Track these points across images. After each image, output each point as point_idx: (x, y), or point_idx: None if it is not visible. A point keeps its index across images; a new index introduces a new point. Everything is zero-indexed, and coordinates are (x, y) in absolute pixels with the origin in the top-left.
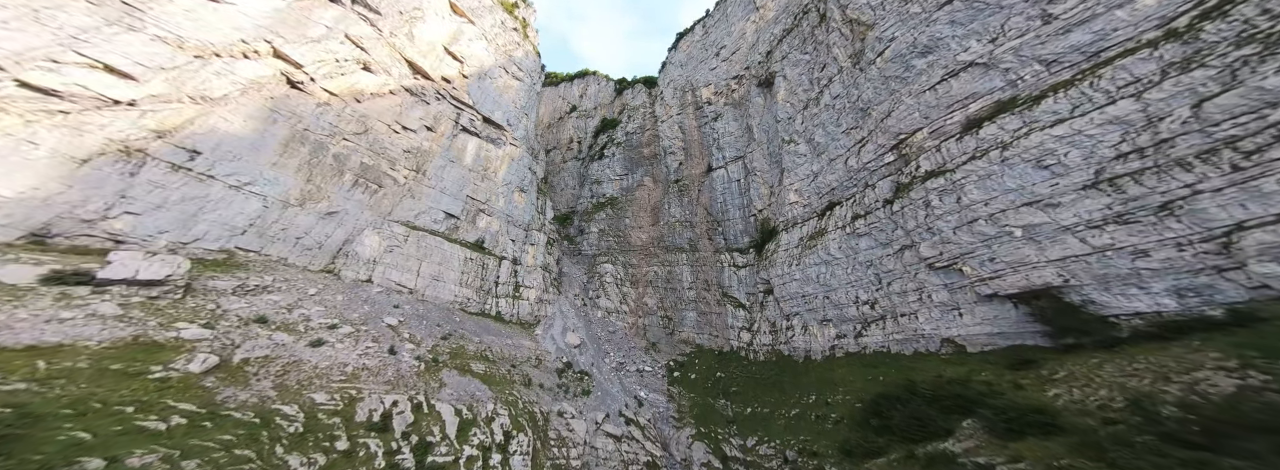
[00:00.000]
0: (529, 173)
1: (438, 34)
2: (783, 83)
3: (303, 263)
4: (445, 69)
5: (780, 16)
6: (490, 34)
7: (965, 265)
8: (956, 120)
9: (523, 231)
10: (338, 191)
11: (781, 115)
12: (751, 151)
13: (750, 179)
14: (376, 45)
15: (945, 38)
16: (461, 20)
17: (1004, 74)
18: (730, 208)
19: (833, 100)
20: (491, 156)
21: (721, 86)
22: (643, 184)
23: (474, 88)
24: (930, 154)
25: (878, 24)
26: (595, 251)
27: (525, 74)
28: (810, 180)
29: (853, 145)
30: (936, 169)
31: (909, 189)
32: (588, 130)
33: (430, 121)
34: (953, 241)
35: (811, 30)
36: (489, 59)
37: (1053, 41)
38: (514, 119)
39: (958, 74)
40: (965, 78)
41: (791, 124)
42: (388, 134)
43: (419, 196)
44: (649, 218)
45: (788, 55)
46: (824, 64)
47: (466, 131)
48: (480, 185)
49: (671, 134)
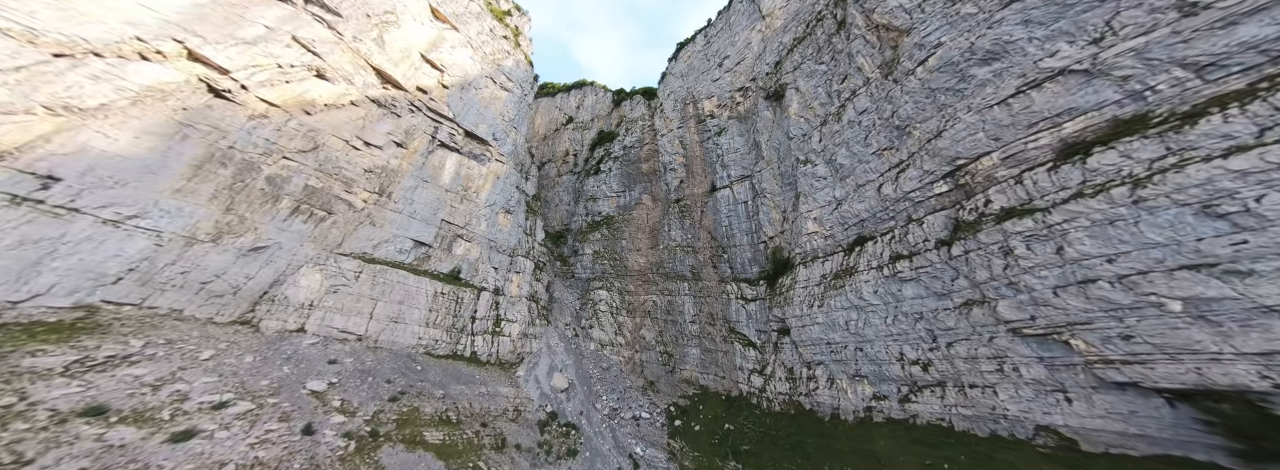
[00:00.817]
0: (516, 192)
1: (414, 40)
2: (795, 96)
3: (206, 314)
4: (422, 78)
5: (789, 25)
6: (476, 41)
7: (1077, 338)
8: (1045, 144)
9: (507, 258)
10: (268, 222)
11: (794, 132)
12: (760, 171)
13: (759, 201)
14: (335, 50)
15: (1018, 41)
16: (443, 26)
17: (1120, 84)
18: (737, 233)
19: (858, 116)
20: (473, 174)
21: (725, 99)
22: (641, 202)
23: (455, 99)
24: (1006, 187)
25: (916, 29)
26: (589, 275)
27: (515, 84)
28: (832, 208)
29: (888, 170)
30: (1019, 206)
31: (976, 229)
32: (584, 143)
33: (401, 136)
34: (1051, 305)
35: (827, 38)
36: (474, 68)
37: (1205, 39)
38: (501, 133)
39: (1041, 85)
40: (1054, 90)
41: (807, 142)
42: (345, 151)
43: (381, 223)
44: (647, 240)
45: (800, 66)
46: (844, 75)
47: (445, 147)
48: (458, 208)
49: (671, 149)
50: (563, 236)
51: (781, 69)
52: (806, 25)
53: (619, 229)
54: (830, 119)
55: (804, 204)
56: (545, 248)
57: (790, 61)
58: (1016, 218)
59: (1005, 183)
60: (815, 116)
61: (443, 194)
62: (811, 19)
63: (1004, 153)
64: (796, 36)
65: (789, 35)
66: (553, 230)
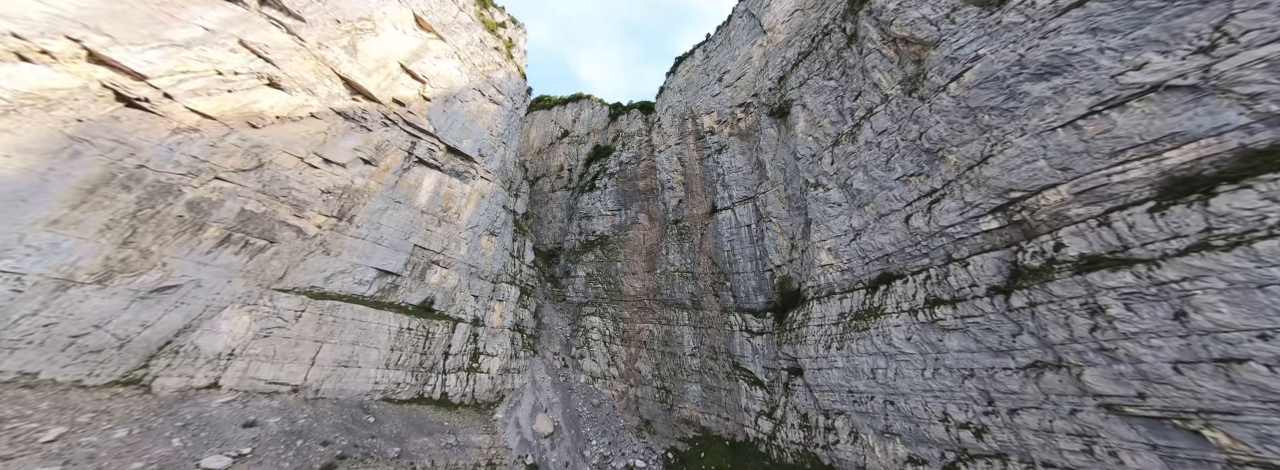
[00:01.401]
0: (503, 211)
1: (393, 49)
2: (801, 113)
3: (71, 376)
4: (399, 90)
5: (793, 39)
6: (465, 52)
7: (1215, 431)
8: (1138, 177)
9: (490, 284)
10: (185, 256)
11: (802, 151)
12: (764, 193)
13: (764, 226)
14: (294, 57)
15: (1083, 51)
16: (428, 36)
17: (1247, 104)
18: (739, 258)
19: (877, 137)
20: (455, 194)
21: (725, 115)
22: (637, 222)
23: (437, 112)
24: (1085, 229)
25: (945, 41)
26: (582, 299)
27: (506, 97)
28: (850, 238)
29: (917, 199)
30: (1108, 254)
31: (1044, 278)
32: (579, 157)
33: (370, 152)
34: (1170, 383)
35: (837, 53)
36: (461, 80)
37: None
38: (488, 149)
39: (1124, 104)
40: (1145, 110)
41: (817, 163)
42: (298, 170)
43: (338, 251)
44: (644, 263)
45: (806, 81)
46: (858, 91)
47: (423, 164)
48: (435, 231)
49: (670, 166)
50: (555, 256)
51: (786, 84)
52: (812, 40)
53: (614, 250)
54: (843, 139)
55: (816, 232)
56: (535, 269)
57: (795, 77)
58: (1107, 269)
59: (1083, 223)
60: (825, 136)
61: (417, 216)
62: (817, 33)
63: (1077, 186)
64: (801, 51)
65: (793, 50)
66: (545, 248)
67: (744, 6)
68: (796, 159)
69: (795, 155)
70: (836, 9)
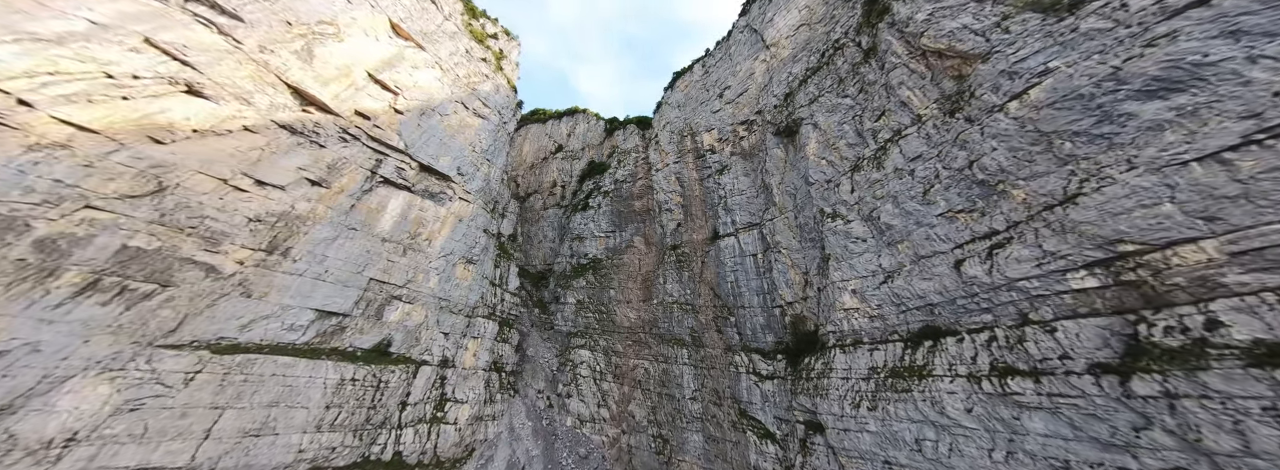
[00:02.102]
0: (483, 236)
1: (362, 57)
2: (812, 133)
3: None
4: (365, 101)
5: (799, 54)
6: (448, 63)
7: None
8: None
9: (464, 319)
10: (18, 311)
11: (815, 176)
12: (772, 220)
13: (772, 257)
14: (224, 61)
15: (1222, 61)
16: (406, 44)
17: None
18: (745, 291)
19: (909, 163)
20: (427, 217)
21: (726, 132)
22: (633, 245)
23: (410, 126)
24: (1254, 306)
25: (999, 53)
26: (571, 329)
27: (492, 111)
28: (879, 280)
29: (971, 241)
30: None
31: (1189, 365)
32: (573, 173)
33: (320, 172)
34: None
35: (852, 68)
36: (441, 91)
37: None
38: (469, 167)
39: None
40: None
41: (833, 191)
42: (219, 194)
43: (264, 292)
44: (639, 291)
45: (817, 99)
46: (881, 111)
47: (390, 185)
48: (398, 262)
49: (668, 186)
50: (544, 279)
51: (793, 102)
52: (821, 54)
53: (607, 276)
54: (865, 164)
55: (836, 270)
56: (521, 295)
57: (804, 94)
58: None
59: (1245, 297)
60: (842, 159)
61: (377, 245)
62: (827, 48)
63: (1233, 244)
64: (809, 67)
65: (799, 65)
66: (534, 269)
67: (745, 21)
68: (808, 184)
69: (807, 180)
70: (849, 22)
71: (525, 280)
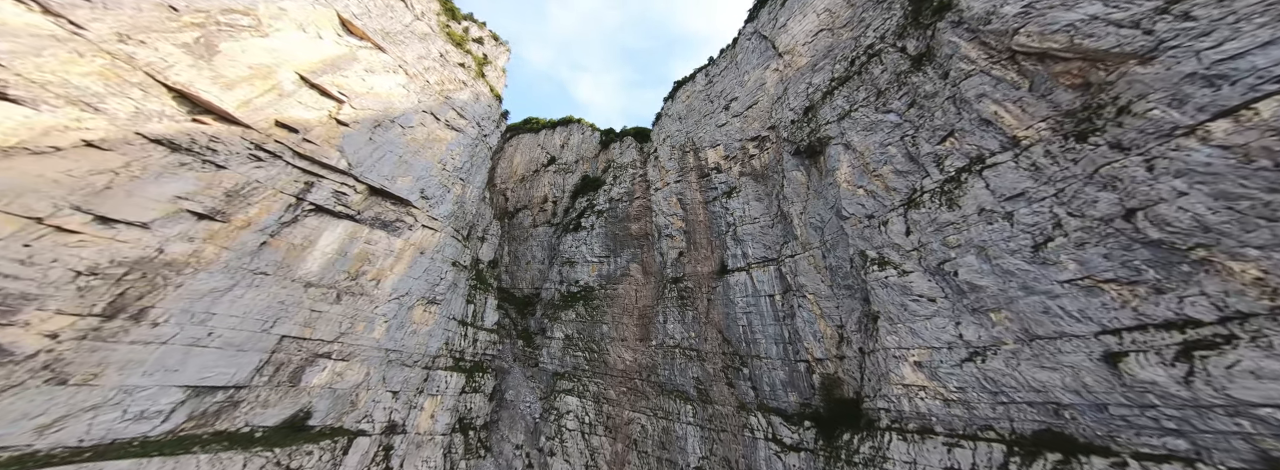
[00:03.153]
0: (450, 270)
1: (289, 56)
2: (844, 155)
3: None
4: (292, 109)
5: (821, 62)
6: (416, 67)
7: None
8: None
9: (420, 373)
10: None
11: (851, 209)
12: (793, 256)
13: (795, 300)
14: (50, 52)
15: None
16: (360, 44)
17: None
18: (761, 338)
19: (1004, 203)
20: (376, 252)
21: (734, 149)
22: (628, 274)
23: (358, 140)
24: None
25: (1173, 51)
26: (558, 368)
27: (470, 122)
28: (961, 357)
29: (1139, 327)
30: None
31: None
32: (566, 188)
33: (214, 201)
34: None
35: (897, 77)
36: (405, 100)
37: None
38: (436, 188)
39: None
40: None
41: (878, 230)
42: (24, 238)
43: (91, 375)
44: (636, 328)
45: (850, 114)
46: (946, 130)
47: (324, 213)
48: (328, 311)
49: (668, 207)
50: (530, 305)
51: (816, 117)
52: (850, 63)
53: (599, 308)
54: (925, 199)
55: (890, 333)
56: (497, 332)
57: (830, 108)
58: None
59: None
60: (887, 190)
61: (297, 292)
62: (857, 54)
63: None
64: (836, 77)
65: (821, 75)
66: (520, 293)
67: (753, 27)
68: (841, 218)
69: (839, 213)
70: (885, 25)
71: (509, 307)
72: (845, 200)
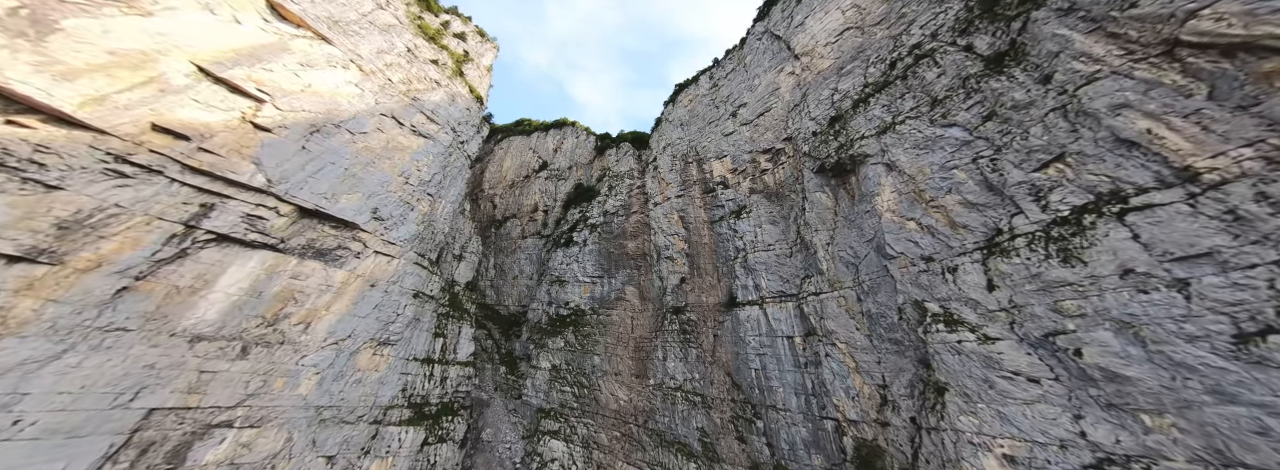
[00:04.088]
0: (410, 303)
1: (183, 41)
2: (887, 178)
3: None
4: (182, 110)
5: (849, 65)
6: (374, 63)
7: None
8: None
9: (366, 429)
10: None
11: (898, 246)
12: (818, 294)
13: (819, 346)
14: None
15: None
16: (296, 32)
17: None
18: (777, 385)
19: (1167, 266)
20: (306, 288)
21: (743, 162)
22: (624, 298)
23: (284, 150)
24: None
25: None
26: (543, 403)
27: (442, 128)
28: (1082, 463)
29: None
30: None
31: None
32: (558, 197)
33: (43, 236)
34: None
35: (961, 83)
36: (357, 100)
37: None
38: (396, 206)
39: None
40: None
41: (942, 278)
42: None
43: None
44: (631, 361)
45: (893, 127)
46: (1052, 153)
47: (229, 243)
48: (227, 370)
49: (668, 226)
50: (516, 325)
51: (847, 129)
52: (889, 65)
53: (591, 336)
54: (1019, 246)
55: (965, 412)
56: (473, 365)
57: (866, 119)
58: None
59: None
60: (954, 227)
61: (178, 351)
62: (899, 55)
63: None
64: (869, 82)
65: (851, 80)
66: (506, 311)
67: (764, 26)
68: (885, 257)
69: (882, 249)
70: (937, 19)
71: (492, 326)
72: (890, 235)
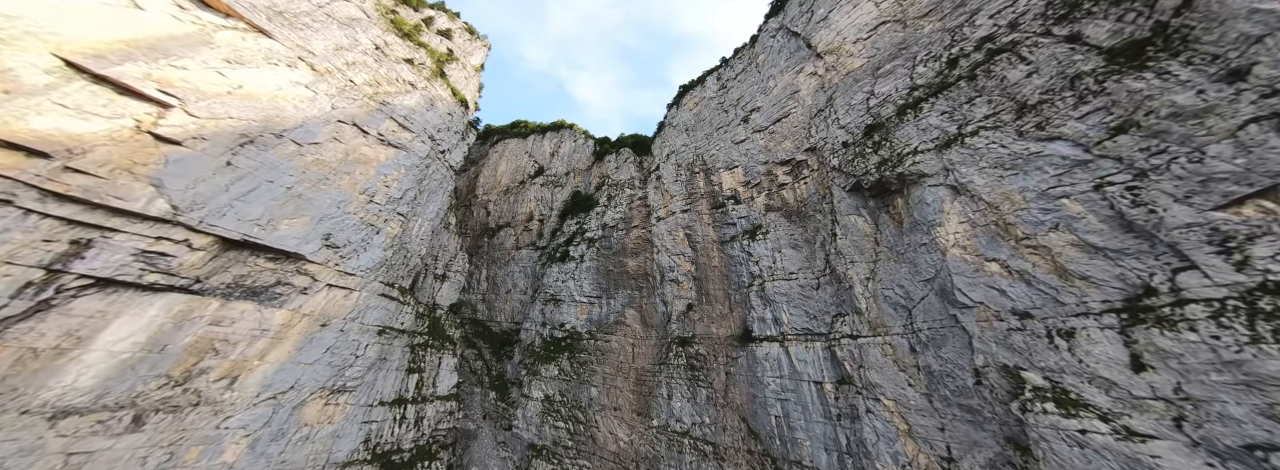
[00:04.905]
0: (374, 341)
1: (44, 26)
2: (952, 204)
3: None
4: (37, 118)
5: (890, 64)
6: (330, 62)
7: None
8: None
9: None
10: None
11: (973, 293)
12: (857, 339)
13: (855, 398)
14: None
15: None
16: (224, 23)
17: None
18: (803, 438)
19: None
20: (234, 335)
21: (757, 174)
22: (623, 322)
23: (199, 166)
24: None
25: None
26: (535, 438)
27: (418, 135)
28: None
29: None
30: None
31: None
32: (554, 205)
33: None
34: None
35: (1068, 84)
36: (305, 106)
37: None
38: (354, 230)
39: None
40: None
41: (1051, 343)
42: None
43: None
44: (632, 395)
45: (961, 140)
46: (1256, 189)
47: (115, 288)
48: (108, 449)
49: (673, 243)
50: (508, 344)
51: (890, 141)
52: (947, 63)
53: (588, 365)
54: (1199, 317)
55: None
56: (456, 399)
57: (918, 129)
58: None
59: None
60: (1066, 279)
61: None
62: (963, 51)
63: None
64: (921, 84)
65: (892, 82)
66: (498, 328)
67: (778, 22)
68: (954, 305)
69: (949, 296)
70: (1014, 8)
71: (482, 345)
72: (962, 278)
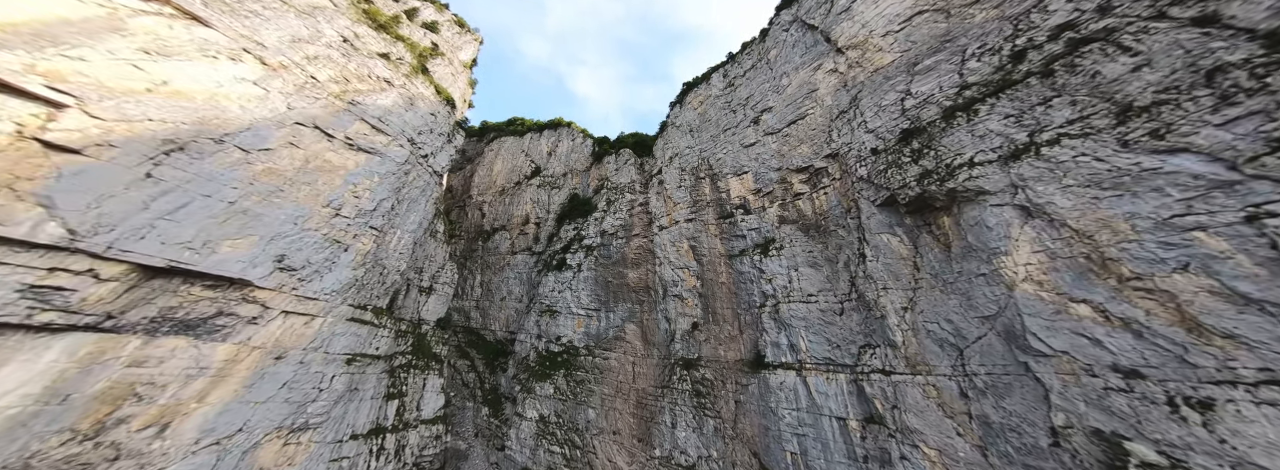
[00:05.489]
0: (342, 371)
1: None
2: (1023, 229)
3: None
4: None
5: (931, 59)
6: (285, 55)
7: None
8: None
9: None
10: None
11: (1053, 341)
12: (891, 376)
13: (894, 444)
14: None
15: None
16: (145, 7)
17: None
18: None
19: None
20: (162, 376)
21: (769, 181)
22: (623, 338)
23: (107, 180)
24: None
25: None
26: (529, 462)
27: (396, 139)
28: None
29: None
30: None
31: None
32: (551, 208)
33: None
34: None
35: (1205, 77)
36: (255, 106)
37: None
38: (315, 248)
39: None
40: None
41: (1170, 415)
42: None
43: None
44: (633, 419)
45: (1035, 150)
46: None
47: None
48: None
49: (677, 256)
50: (502, 355)
51: (935, 149)
52: (1011, 57)
53: (585, 384)
54: None
55: None
56: (443, 421)
57: (972, 135)
58: None
59: None
60: (1181, 327)
61: None
62: (1032, 42)
63: None
64: (974, 81)
65: (935, 80)
66: (492, 337)
67: (792, 14)
68: (1025, 352)
69: (1018, 340)
70: None
71: (476, 355)
72: (1037, 320)
